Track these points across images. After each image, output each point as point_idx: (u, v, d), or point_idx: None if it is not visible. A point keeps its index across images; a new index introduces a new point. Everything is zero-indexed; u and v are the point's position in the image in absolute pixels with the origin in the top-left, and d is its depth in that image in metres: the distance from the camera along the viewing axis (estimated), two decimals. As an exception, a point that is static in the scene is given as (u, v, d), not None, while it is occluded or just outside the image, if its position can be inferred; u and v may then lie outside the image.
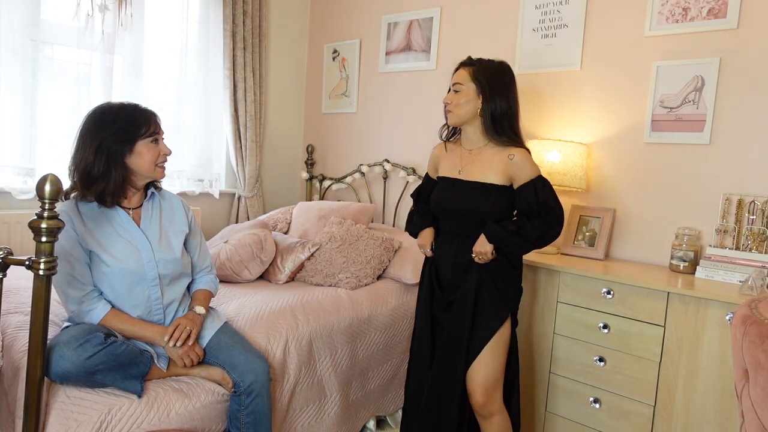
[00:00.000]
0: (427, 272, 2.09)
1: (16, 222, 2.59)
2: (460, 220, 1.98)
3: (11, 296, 2.02)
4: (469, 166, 1.98)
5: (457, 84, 1.96)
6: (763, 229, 2.19)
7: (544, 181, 1.93)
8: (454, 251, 1.98)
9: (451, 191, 1.99)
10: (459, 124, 2.01)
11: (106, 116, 1.67)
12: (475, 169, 1.97)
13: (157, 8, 3.09)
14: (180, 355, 1.69)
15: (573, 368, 2.29)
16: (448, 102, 1.97)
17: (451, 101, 1.96)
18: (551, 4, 2.79)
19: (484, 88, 1.92)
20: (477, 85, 1.93)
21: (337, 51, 3.77)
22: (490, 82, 1.93)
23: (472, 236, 1.94)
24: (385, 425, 2.56)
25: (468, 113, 1.95)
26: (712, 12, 2.34)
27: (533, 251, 2.55)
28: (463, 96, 1.94)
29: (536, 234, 1.89)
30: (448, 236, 2.03)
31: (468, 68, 1.96)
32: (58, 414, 1.46)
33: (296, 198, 4.04)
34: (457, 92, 1.95)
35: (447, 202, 1.99)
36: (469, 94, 1.93)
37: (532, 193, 1.90)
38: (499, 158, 1.94)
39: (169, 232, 1.82)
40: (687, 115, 2.41)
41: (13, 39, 2.55)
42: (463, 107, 1.94)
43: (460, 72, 1.97)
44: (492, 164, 1.94)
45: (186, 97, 3.27)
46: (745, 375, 1.17)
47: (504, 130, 1.94)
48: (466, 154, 2.02)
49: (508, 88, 1.96)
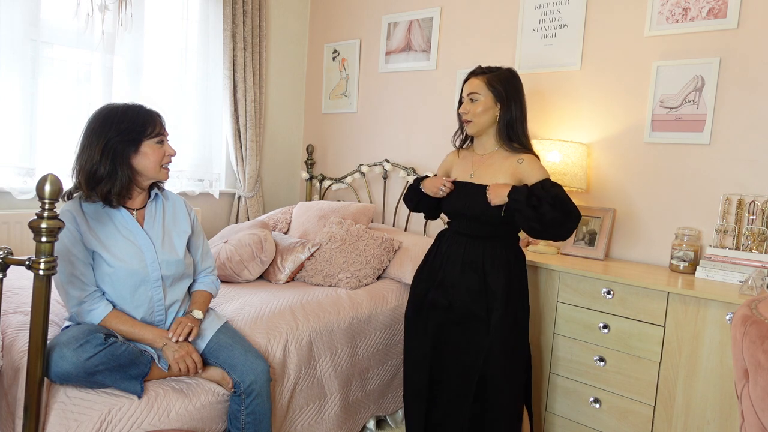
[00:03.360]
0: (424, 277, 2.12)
1: (16, 222, 2.59)
2: (470, 220, 2.02)
3: (11, 296, 2.02)
4: (481, 170, 2.03)
5: (474, 94, 1.97)
6: (763, 229, 2.19)
7: (553, 183, 1.96)
8: (464, 250, 2.02)
9: (463, 193, 2.02)
10: (479, 134, 2.04)
11: (112, 116, 1.67)
12: (486, 173, 2.01)
13: (157, 8, 3.09)
14: (176, 358, 1.67)
15: (573, 368, 2.29)
16: (466, 112, 1.99)
17: (468, 111, 1.98)
18: (551, 4, 2.79)
19: (502, 95, 1.96)
20: (494, 93, 1.96)
21: (337, 51, 3.77)
22: (506, 89, 1.97)
23: (482, 237, 2.00)
24: (385, 425, 2.56)
25: (487, 122, 1.99)
26: (712, 12, 2.34)
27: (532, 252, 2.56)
28: (480, 105, 1.97)
29: (551, 216, 1.83)
30: (459, 236, 2.06)
31: (482, 77, 1.98)
32: (58, 414, 1.46)
33: (296, 198, 4.04)
34: (474, 101, 1.97)
35: (459, 204, 2.03)
36: (487, 102, 1.97)
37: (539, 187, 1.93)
38: (509, 162, 1.98)
39: (172, 233, 1.82)
40: (687, 115, 2.41)
41: (13, 39, 2.55)
42: (481, 116, 1.98)
43: (474, 81, 1.99)
44: (502, 168, 1.99)
45: (186, 97, 3.27)
46: (745, 375, 1.17)
47: (517, 136, 1.99)
48: (478, 159, 2.07)
49: (521, 93, 2.01)
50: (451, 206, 2.08)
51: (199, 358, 1.73)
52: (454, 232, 2.10)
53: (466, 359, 2.00)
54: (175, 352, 1.68)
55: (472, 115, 1.98)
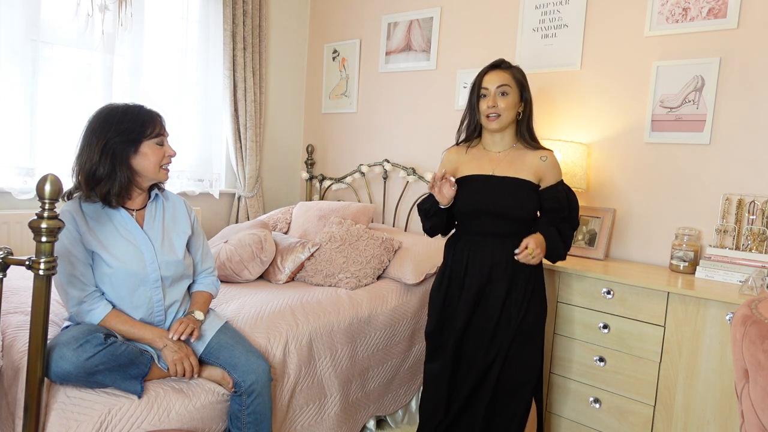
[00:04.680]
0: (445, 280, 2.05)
1: (16, 222, 2.59)
2: (493, 218, 1.94)
3: (11, 296, 2.02)
4: (502, 168, 1.97)
5: (505, 86, 1.92)
6: (763, 229, 2.19)
7: (567, 186, 1.98)
8: (491, 251, 1.94)
9: (487, 188, 1.94)
10: (501, 130, 1.98)
11: (112, 116, 1.67)
12: (509, 170, 1.96)
13: (157, 8, 3.09)
14: (174, 360, 1.67)
15: (573, 368, 2.29)
16: (494, 105, 1.92)
17: (497, 105, 1.92)
18: (551, 4, 2.79)
19: (526, 91, 1.97)
20: (519, 88, 1.95)
21: (337, 51, 3.77)
22: (526, 85, 1.98)
23: (507, 235, 1.93)
24: (385, 425, 2.56)
25: (511, 117, 1.97)
26: (712, 12, 2.34)
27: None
28: (510, 99, 1.93)
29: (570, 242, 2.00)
30: (479, 237, 1.98)
31: (509, 71, 1.95)
32: (58, 414, 1.46)
33: (296, 198, 4.04)
34: (505, 95, 1.92)
35: (480, 201, 1.94)
36: (516, 96, 1.95)
37: (562, 193, 1.95)
38: (531, 159, 1.96)
39: (171, 233, 1.82)
40: (687, 115, 2.41)
41: (13, 39, 2.55)
42: (510, 111, 1.94)
43: (503, 74, 1.94)
44: (525, 164, 1.96)
45: (186, 97, 3.27)
46: (745, 375, 1.17)
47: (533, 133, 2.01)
48: (495, 156, 2.01)
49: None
50: (470, 205, 1.95)
51: (197, 362, 1.72)
52: (472, 234, 1.99)
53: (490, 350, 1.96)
54: (173, 354, 1.67)
55: (502, 109, 1.92)
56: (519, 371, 1.96)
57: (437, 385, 2.05)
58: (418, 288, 2.62)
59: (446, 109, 3.20)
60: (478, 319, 1.98)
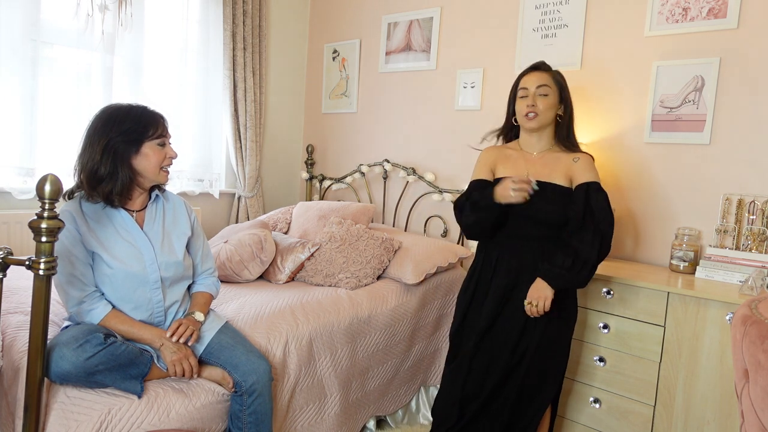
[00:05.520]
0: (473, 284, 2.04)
1: (16, 222, 2.59)
2: (527, 221, 1.93)
3: (11, 296, 2.02)
4: (536, 170, 1.97)
5: (545, 87, 1.94)
6: (763, 229, 2.19)
7: (599, 188, 1.90)
8: (520, 253, 1.95)
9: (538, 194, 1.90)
10: (540, 130, 1.99)
11: (115, 116, 1.67)
12: (542, 172, 1.96)
13: (157, 8, 3.09)
14: (173, 360, 1.66)
15: (573, 368, 2.29)
16: (533, 105, 1.94)
17: (536, 104, 1.94)
18: (551, 4, 2.79)
19: (566, 93, 1.98)
20: (559, 90, 1.97)
21: (337, 51, 3.77)
22: (566, 86, 1.99)
23: (538, 239, 1.93)
24: (385, 425, 2.56)
25: (549, 118, 1.98)
26: (712, 12, 2.34)
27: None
28: (550, 100, 1.95)
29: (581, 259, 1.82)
30: (511, 240, 1.98)
31: (549, 73, 1.98)
32: (58, 414, 1.46)
33: (296, 198, 4.04)
34: (546, 96, 1.94)
35: (527, 206, 1.89)
36: (555, 98, 1.96)
37: (582, 194, 1.88)
38: (564, 161, 1.96)
39: (171, 234, 1.82)
40: (687, 115, 2.41)
41: (13, 39, 2.55)
42: (549, 111, 1.96)
43: (543, 75, 1.97)
44: (557, 167, 1.96)
45: (186, 97, 3.27)
46: (745, 375, 1.17)
47: (573, 136, 2.00)
48: (531, 158, 2.01)
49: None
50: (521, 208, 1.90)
51: (196, 363, 1.72)
52: (504, 236, 1.98)
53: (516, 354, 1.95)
54: (172, 354, 1.67)
55: (541, 109, 1.93)
56: (541, 377, 1.95)
57: (452, 388, 2.05)
58: (418, 288, 2.62)
59: (446, 109, 3.19)
60: (504, 322, 1.96)
